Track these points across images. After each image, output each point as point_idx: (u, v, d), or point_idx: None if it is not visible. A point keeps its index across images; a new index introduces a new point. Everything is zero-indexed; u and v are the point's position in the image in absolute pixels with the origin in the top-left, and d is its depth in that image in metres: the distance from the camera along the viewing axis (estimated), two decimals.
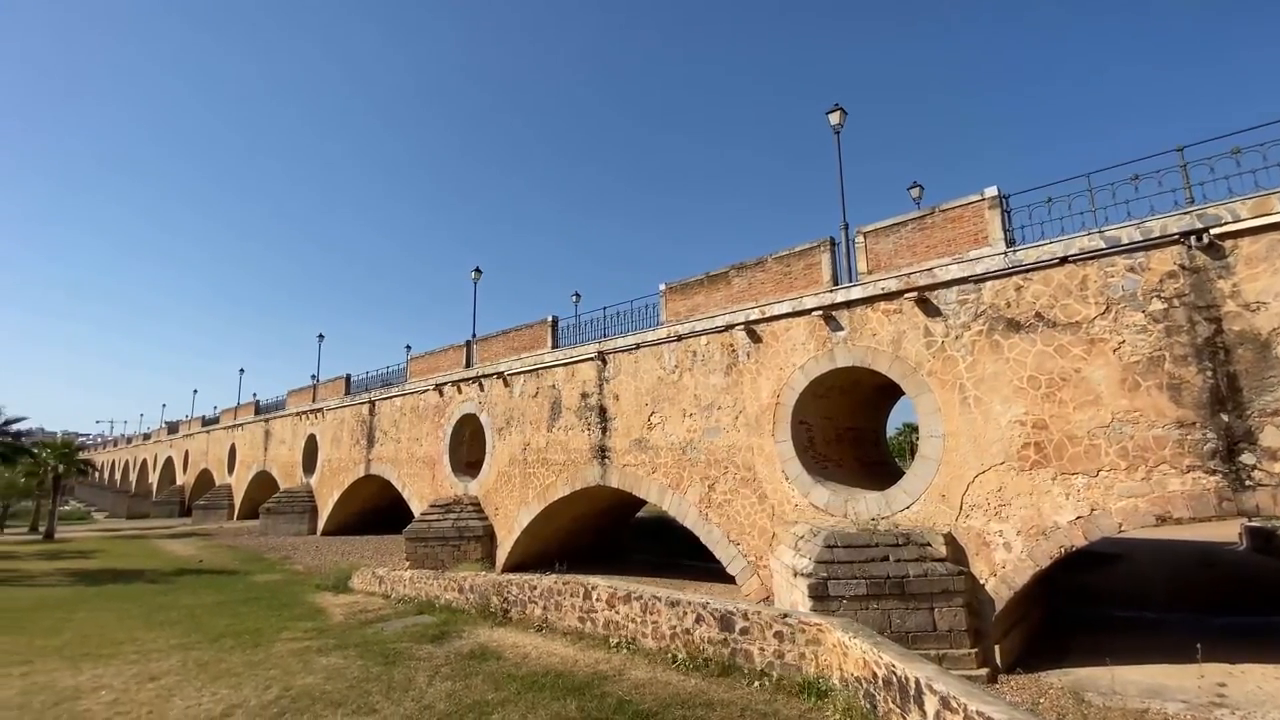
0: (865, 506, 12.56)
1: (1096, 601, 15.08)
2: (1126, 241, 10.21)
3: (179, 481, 56.48)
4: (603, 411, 18.59)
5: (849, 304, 13.41)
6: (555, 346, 21.04)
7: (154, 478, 62.60)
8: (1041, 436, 10.72)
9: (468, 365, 24.93)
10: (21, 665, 10.71)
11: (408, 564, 20.83)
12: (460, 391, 24.78)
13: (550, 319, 21.56)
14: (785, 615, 9.30)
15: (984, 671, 10.07)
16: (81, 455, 41.18)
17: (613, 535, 24.99)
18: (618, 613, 11.26)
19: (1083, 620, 13.44)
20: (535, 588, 12.93)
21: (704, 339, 16.20)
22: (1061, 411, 10.57)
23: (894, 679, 6.96)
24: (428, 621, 13.24)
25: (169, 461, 59.65)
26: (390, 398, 29.35)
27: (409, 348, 30.29)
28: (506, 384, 22.33)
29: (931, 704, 6.21)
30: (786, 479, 13.91)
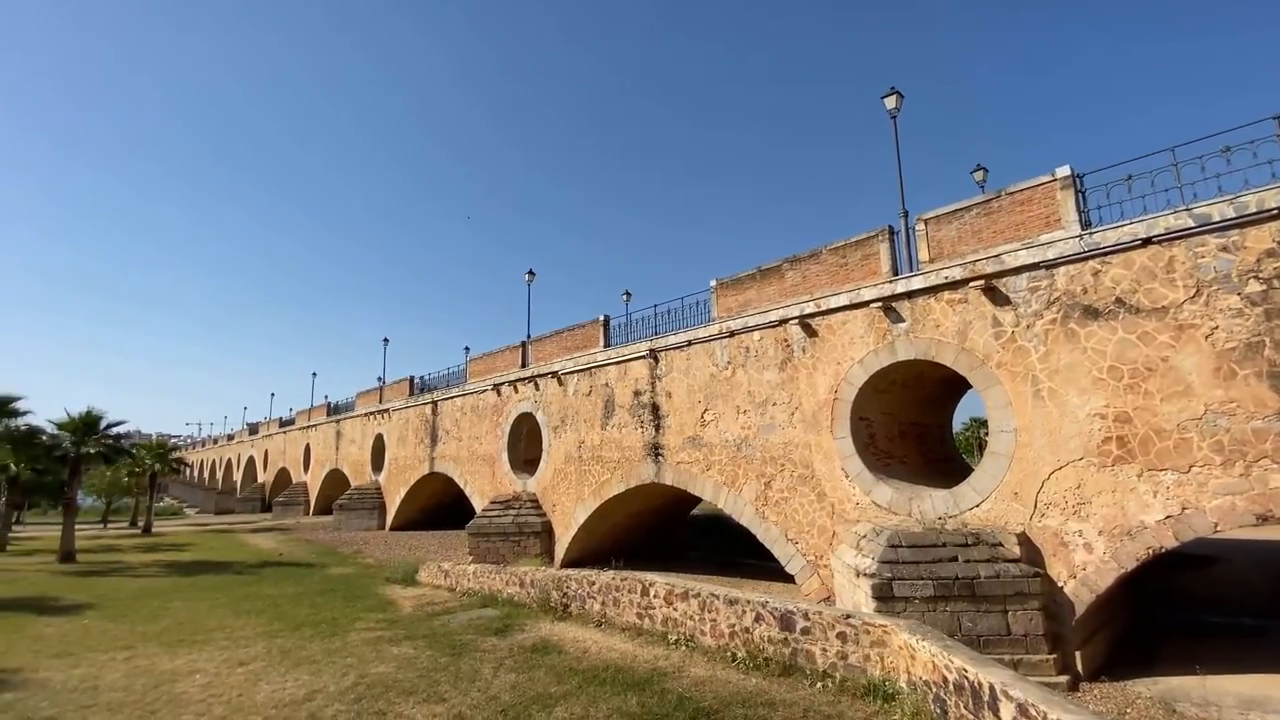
0: (931, 505, 12.12)
1: (1189, 606, 14.05)
2: (1218, 219, 9.44)
3: (260, 479, 60.10)
4: (655, 409, 18.63)
5: (910, 294, 12.95)
6: (607, 345, 21.22)
7: (238, 476, 66.80)
8: (1125, 430, 10.06)
9: (523, 365, 25.47)
10: (125, 650, 11.64)
11: (471, 558, 21.48)
12: (517, 391, 25.33)
13: (602, 318, 21.76)
14: (848, 616, 9.09)
15: (1064, 679, 9.56)
16: (175, 455, 44.31)
17: (668, 532, 25.03)
18: (675, 610, 11.27)
19: (1174, 626, 12.56)
20: (594, 583, 13.09)
21: (757, 334, 15.98)
22: (1147, 403, 9.89)
23: (966, 684, 6.69)
24: (491, 615, 13.61)
25: (251, 461, 63.54)
26: (451, 398, 30.31)
27: (467, 349, 31.25)
28: (561, 383, 22.68)
29: (1007, 711, 5.94)
30: (846, 476, 13.58)
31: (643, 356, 19.20)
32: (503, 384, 26.10)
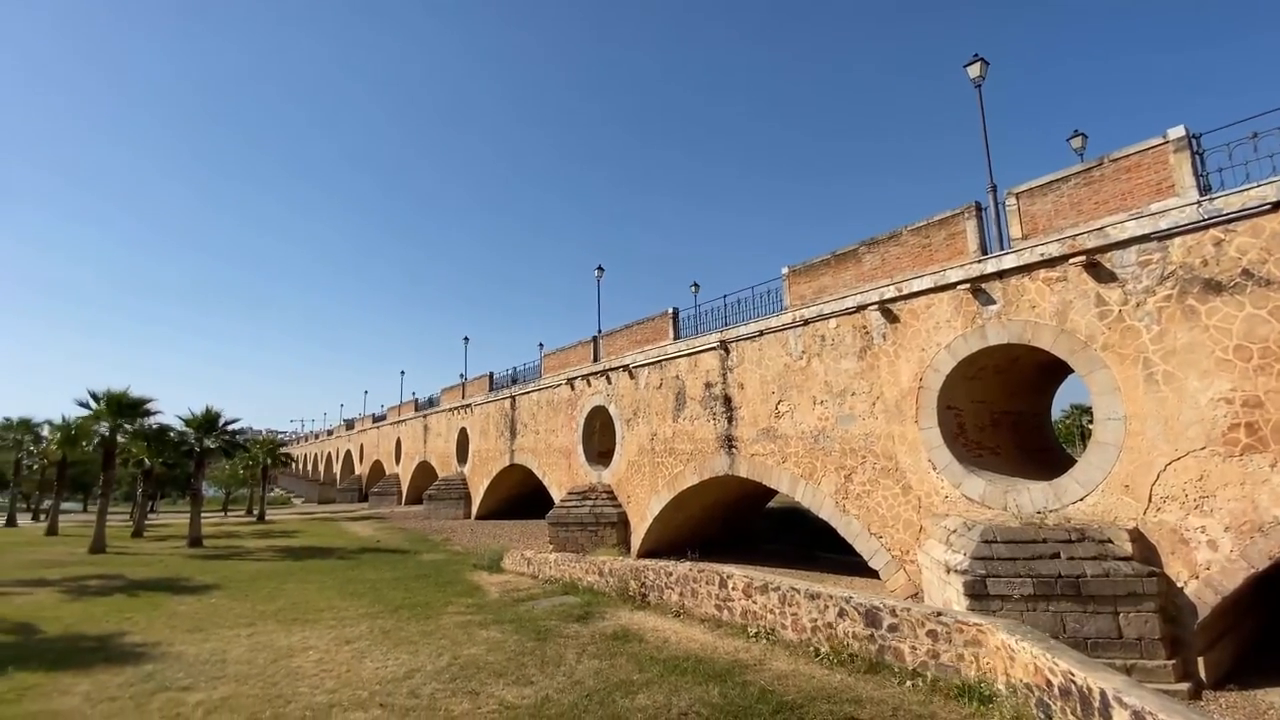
0: (1029, 498, 11.40)
1: None
2: None
3: (357, 471, 64.28)
4: (727, 401, 18.47)
5: (1001, 274, 12.18)
6: (677, 338, 21.21)
7: (337, 468, 71.75)
8: (1255, 416, 9.07)
9: (595, 359, 25.88)
10: (248, 627, 12.79)
11: (551, 547, 22.14)
12: (589, 385, 25.79)
13: (671, 311, 21.76)
14: (939, 614, 8.72)
15: (1184, 686, 8.81)
16: (282, 451, 48.08)
17: (744, 524, 24.82)
18: (755, 603, 11.19)
19: None
20: (671, 574, 13.19)
21: (833, 322, 15.51)
22: None
23: (1073, 688, 6.28)
24: (572, 602, 13.99)
25: (348, 454, 68.07)
26: (527, 392, 31.26)
27: (541, 345, 32.10)
28: (632, 376, 22.89)
29: (1121, 718, 5.54)
30: (934, 469, 12.99)
31: (713, 348, 19.07)
32: (576, 378, 26.64)
